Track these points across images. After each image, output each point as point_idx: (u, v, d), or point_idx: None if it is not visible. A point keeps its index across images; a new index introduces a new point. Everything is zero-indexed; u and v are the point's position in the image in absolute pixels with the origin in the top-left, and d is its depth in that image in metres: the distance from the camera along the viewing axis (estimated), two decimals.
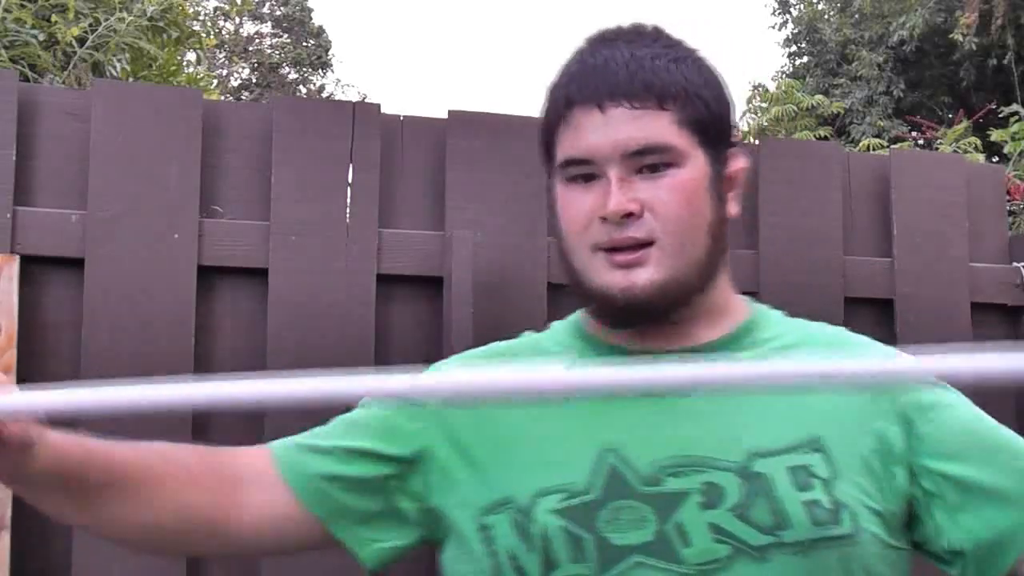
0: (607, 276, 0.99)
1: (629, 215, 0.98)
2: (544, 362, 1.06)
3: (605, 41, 1.04)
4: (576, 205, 1.01)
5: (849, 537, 0.94)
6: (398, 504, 1.05)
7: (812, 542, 0.93)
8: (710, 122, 1.02)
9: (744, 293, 1.85)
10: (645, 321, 1.02)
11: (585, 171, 1.00)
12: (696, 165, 1.01)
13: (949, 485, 0.99)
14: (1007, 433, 1.04)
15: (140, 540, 1.04)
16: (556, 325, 1.14)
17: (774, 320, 1.11)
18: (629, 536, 0.93)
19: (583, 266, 1.01)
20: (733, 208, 1.06)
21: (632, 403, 1.00)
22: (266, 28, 19.42)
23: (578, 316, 1.13)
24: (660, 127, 0.99)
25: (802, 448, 0.97)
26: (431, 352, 1.71)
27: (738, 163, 1.07)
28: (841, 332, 1.12)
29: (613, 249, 0.99)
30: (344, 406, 1.07)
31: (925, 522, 1.00)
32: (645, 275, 0.98)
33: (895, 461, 0.99)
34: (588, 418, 1.00)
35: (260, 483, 1.04)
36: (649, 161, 0.99)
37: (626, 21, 1.09)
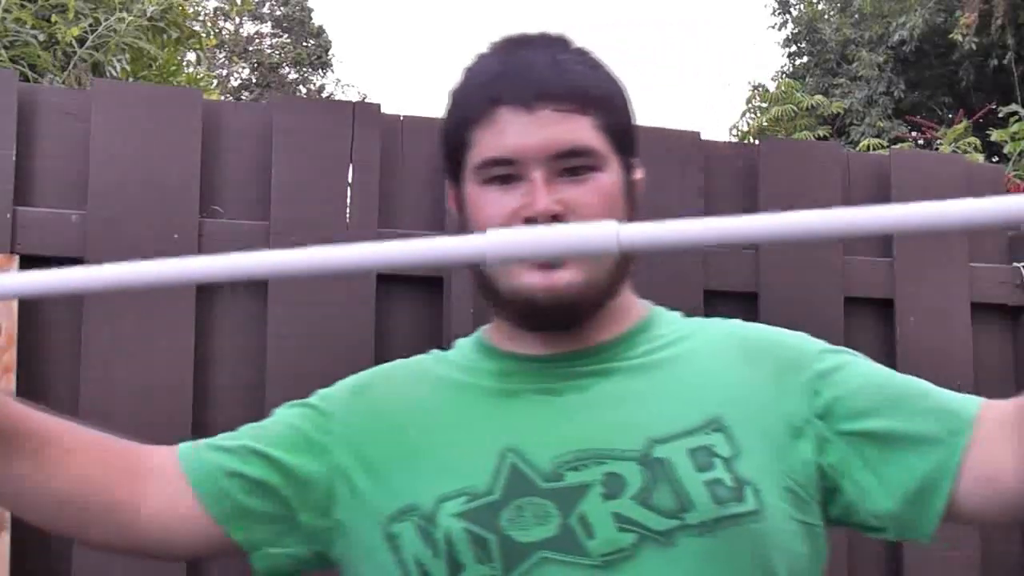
0: (528, 277, 0.99)
1: (555, 217, 0.98)
2: (442, 379, 1.08)
3: (521, 44, 1.05)
4: (495, 206, 1.00)
5: (754, 513, 0.94)
6: (298, 516, 1.04)
7: (716, 521, 0.92)
8: (624, 130, 1.05)
9: (744, 293, 1.87)
10: (562, 323, 1.03)
11: (506, 172, 1.00)
12: (614, 170, 1.02)
13: (866, 442, 0.99)
14: (908, 379, 1.04)
15: (31, 504, 1.00)
16: (460, 341, 1.15)
17: (668, 319, 1.12)
18: (533, 533, 0.93)
19: (500, 269, 1.01)
20: (635, 215, 1.08)
21: (528, 403, 1.02)
22: (266, 28, 19.43)
23: (480, 332, 1.13)
24: (584, 130, 1.00)
25: (702, 430, 0.97)
26: None
27: (639, 175, 1.09)
28: (736, 322, 1.13)
29: None
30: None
31: (846, 489, 0.99)
32: (566, 276, 0.99)
33: (800, 435, 0.99)
34: (487, 422, 1.01)
35: (163, 476, 1.03)
36: (573, 164, 0.99)
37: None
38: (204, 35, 5.20)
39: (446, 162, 1.08)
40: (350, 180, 1.73)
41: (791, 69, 16.00)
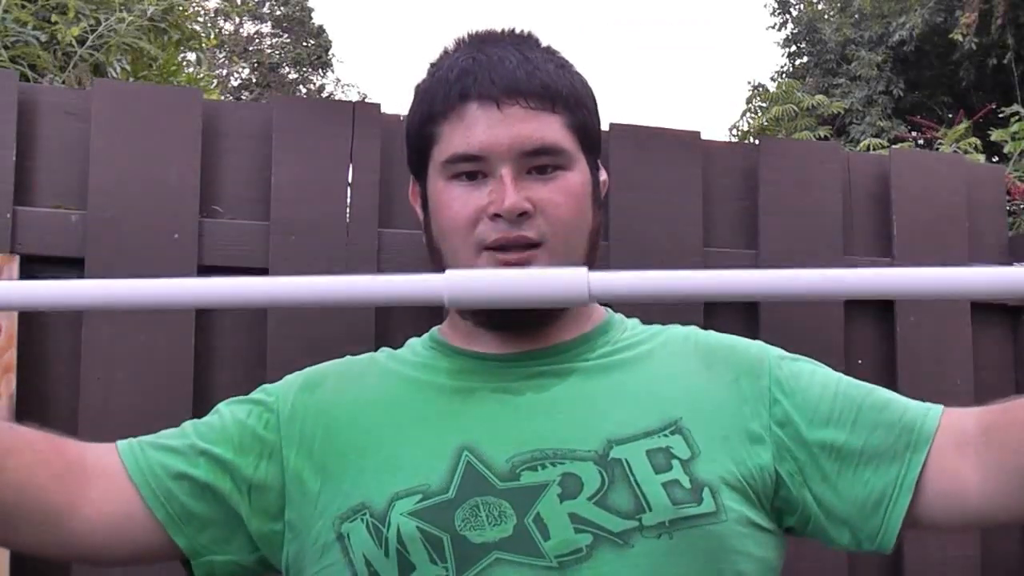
0: None
1: (523, 214, 0.97)
2: (396, 376, 1.07)
3: (489, 41, 1.04)
4: (461, 202, 1.00)
5: (711, 515, 0.93)
6: (246, 521, 1.01)
7: (672, 522, 0.92)
8: (591, 130, 1.05)
9: None
10: (523, 323, 1.02)
11: (473, 168, 0.99)
12: (581, 170, 1.02)
13: (824, 454, 0.99)
14: (867, 389, 1.03)
15: None
16: (412, 340, 1.14)
17: (627, 324, 1.12)
18: (487, 533, 0.92)
19: (465, 264, 1.00)
20: (601, 215, 1.08)
21: (485, 401, 1.00)
22: (266, 28, 19.43)
23: (434, 330, 1.12)
24: (554, 129, 1.00)
25: (660, 432, 0.97)
26: None
27: (603, 176, 1.10)
28: (693, 328, 1.13)
29: (500, 248, 0.98)
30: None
31: (803, 499, 0.99)
32: None
33: (759, 441, 0.99)
34: (442, 420, 1.00)
35: (105, 476, 0.99)
36: (541, 162, 0.99)
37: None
38: (204, 35, 5.20)
39: (410, 156, 1.07)
40: (350, 180, 1.72)
41: (791, 69, 15.99)
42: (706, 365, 1.04)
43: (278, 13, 19.33)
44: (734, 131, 11.43)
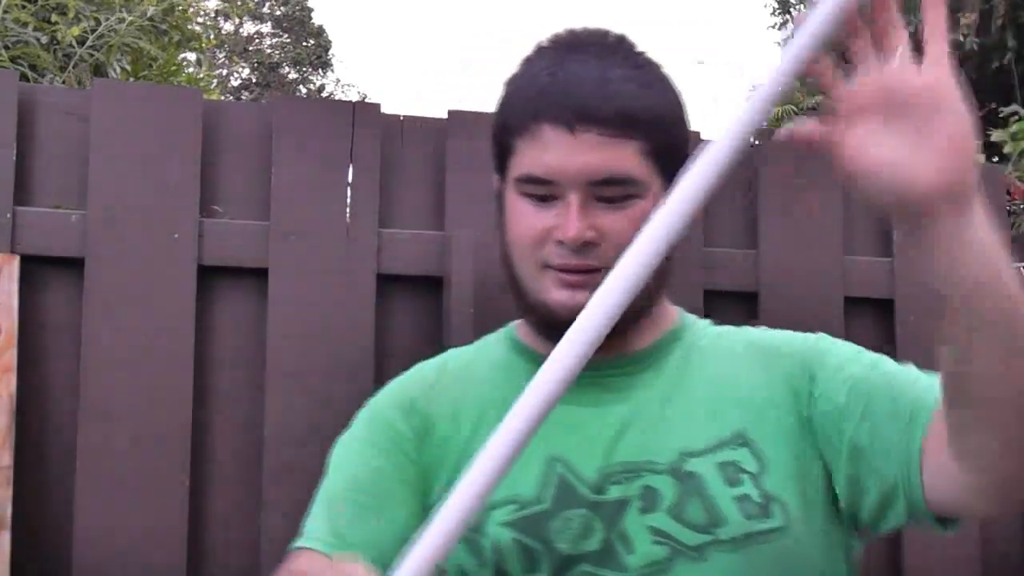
0: (555, 294, 0.99)
1: (587, 243, 0.97)
2: (485, 380, 1.06)
3: (573, 51, 1.01)
4: (529, 221, 0.99)
5: (781, 529, 0.94)
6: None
7: (746, 537, 0.93)
8: (672, 150, 1.01)
9: (744, 293, 1.87)
10: None
11: (544, 192, 0.98)
12: (654, 196, 0.99)
13: (844, 452, 0.98)
14: (889, 368, 1.02)
15: None
16: (489, 338, 1.14)
17: (698, 326, 1.12)
18: (578, 545, 0.94)
19: (529, 278, 1.01)
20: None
21: (568, 411, 0.99)
22: (266, 28, 19.43)
23: (511, 328, 1.13)
24: (626, 158, 0.97)
25: (729, 444, 0.98)
26: (431, 352, 1.71)
27: None
28: (751, 330, 1.12)
29: (563, 270, 0.98)
30: None
31: (838, 483, 0.99)
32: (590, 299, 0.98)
33: (809, 438, 0.99)
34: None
35: None
36: (610, 193, 0.97)
37: (612, 23, 1.07)
38: (204, 36, 5.20)
39: (494, 150, 1.06)
40: (350, 180, 1.72)
41: None
42: (765, 368, 1.04)
43: (278, 13, 19.33)
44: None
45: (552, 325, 1.00)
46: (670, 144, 1.01)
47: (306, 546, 0.99)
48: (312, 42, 19.52)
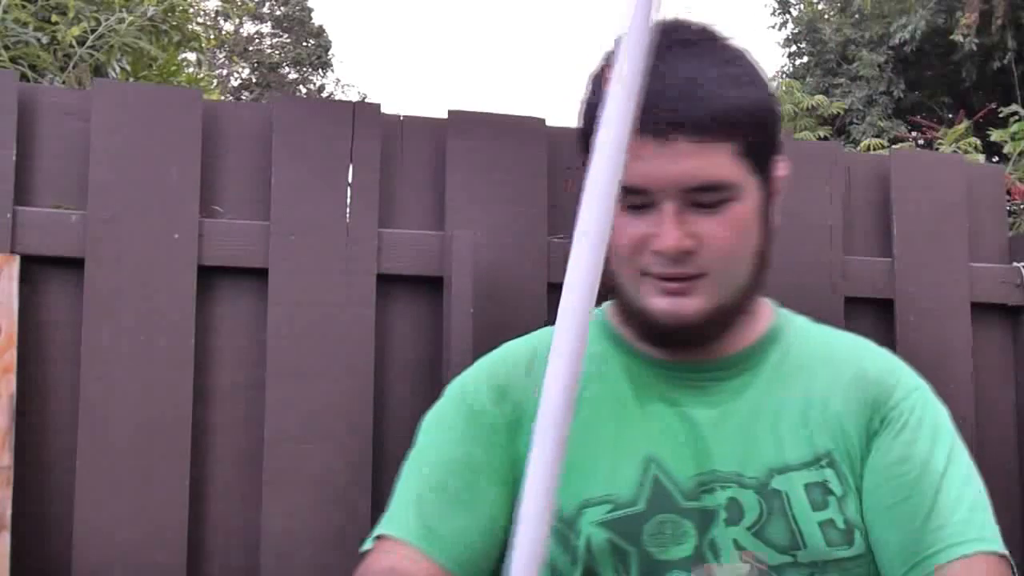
0: (655, 300, 0.97)
1: (685, 252, 0.95)
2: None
3: (664, 49, 0.95)
4: (626, 231, 0.97)
5: (860, 557, 0.95)
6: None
7: (825, 563, 0.93)
8: (765, 146, 0.99)
9: None
10: (687, 342, 1.01)
11: (637, 201, 0.95)
12: (750, 195, 0.98)
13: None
14: (943, 482, 0.97)
15: None
16: None
17: (795, 327, 1.10)
18: (671, 551, 0.93)
19: (629, 284, 1.00)
20: (776, 220, 1.04)
21: (662, 413, 1.00)
22: (266, 28, 19.43)
23: (604, 316, 1.09)
24: (721, 162, 0.94)
25: (817, 463, 0.97)
26: (431, 352, 1.71)
27: (781, 171, 1.04)
28: (860, 344, 1.10)
29: (663, 278, 0.97)
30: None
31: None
32: (694, 305, 0.97)
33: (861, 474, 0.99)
34: (628, 428, 0.99)
35: None
36: (706, 200, 0.95)
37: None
38: (204, 36, 5.20)
39: (582, 148, 1.00)
40: (350, 180, 1.72)
41: (791, 69, 15.99)
42: (859, 389, 1.02)
43: (278, 13, 19.33)
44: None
45: (654, 332, 1.00)
46: (763, 141, 0.98)
47: (395, 536, 0.97)
48: (312, 42, 19.52)
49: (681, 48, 0.96)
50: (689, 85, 0.93)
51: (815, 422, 0.99)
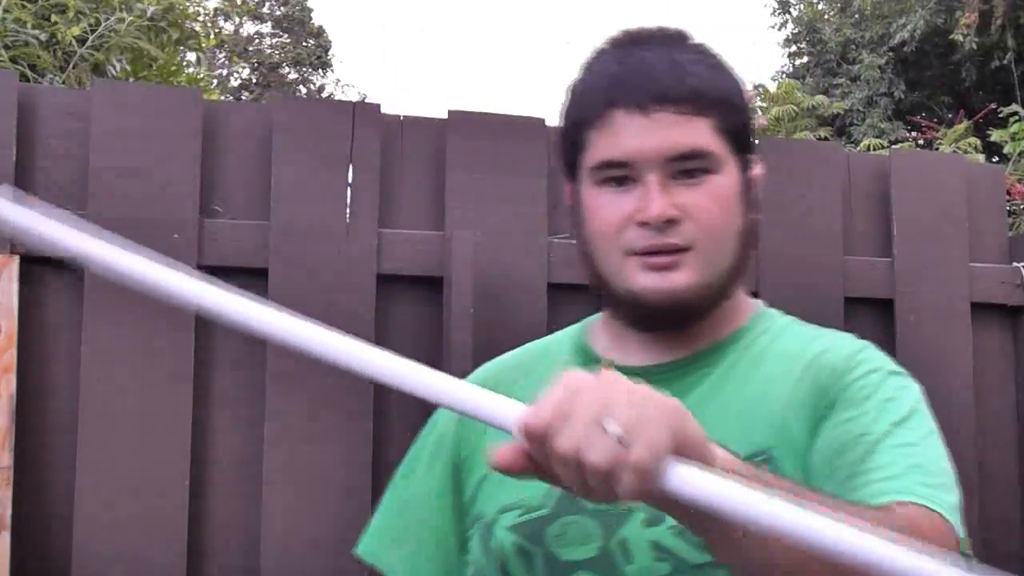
0: (642, 279, 0.98)
1: (670, 221, 0.96)
2: (538, 381, 1.05)
3: (638, 43, 1.02)
4: (609, 208, 0.99)
5: None
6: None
7: None
8: (742, 129, 1.03)
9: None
10: (674, 323, 1.01)
11: (621, 174, 0.98)
12: (730, 172, 1.00)
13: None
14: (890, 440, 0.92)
15: None
16: (567, 331, 1.14)
17: (774, 325, 1.09)
18: (575, 552, 0.94)
19: (614, 270, 1.00)
20: (758, 215, 1.06)
21: None
22: (266, 28, 19.43)
23: (583, 329, 1.11)
24: (702, 133, 0.98)
25: (749, 460, 0.92)
26: (431, 352, 1.71)
27: (757, 170, 1.07)
28: (830, 335, 1.08)
29: (648, 252, 0.98)
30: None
31: None
32: (682, 278, 0.97)
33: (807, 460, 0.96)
34: None
35: None
36: (689, 167, 0.98)
37: (629, 22, 1.08)
38: (204, 36, 5.20)
39: (562, 159, 1.06)
40: (350, 180, 1.72)
41: (791, 69, 15.99)
42: (811, 379, 0.99)
43: (278, 13, 19.33)
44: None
45: (645, 315, 1.00)
46: (739, 123, 1.02)
47: (363, 557, 1.08)
48: (312, 42, 19.52)
49: (660, 41, 1.02)
50: (671, 65, 0.98)
51: (756, 418, 0.98)
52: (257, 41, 18.94)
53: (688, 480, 0.64)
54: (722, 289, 1.01)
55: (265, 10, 19.20)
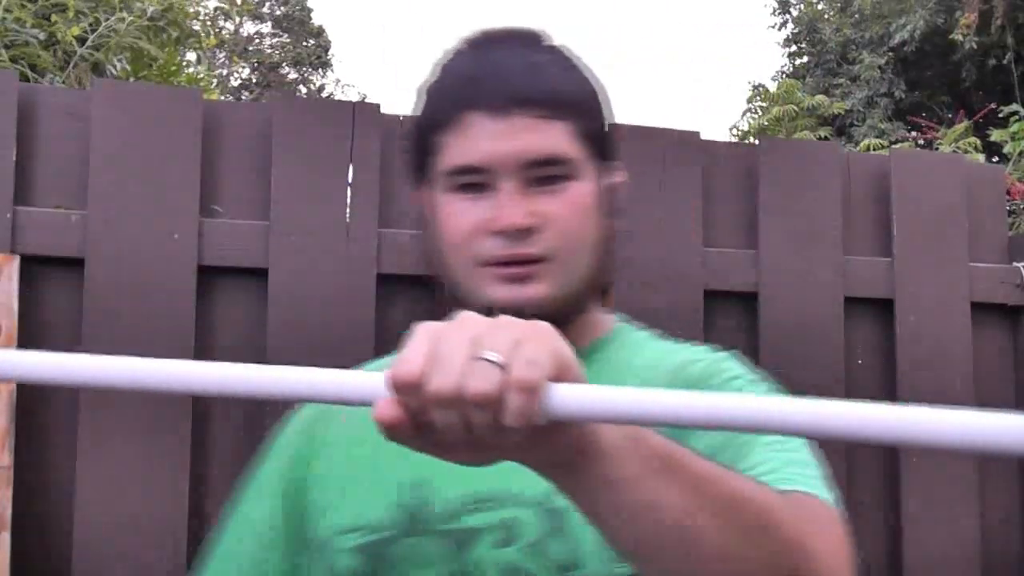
0: (494, 291, 0.94)
1: (526, 229, 0.93)
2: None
3: (495, 43, 0.99)
4: (461, 217, 0.95)
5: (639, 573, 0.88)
6: None
7: None
8: (601, 135, 0.99)
9: (744, 293, 1.87)
10: None
11: (475, 180, 0.94)
12: (588, 179, 0.97)
13: None
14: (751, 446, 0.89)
15: None
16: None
17: (629, 339, 1.05)
18: (421, 573, 0.90)
19: (464, 280, 0.96)
20: (616, 223, 1.02)
21: None
22: (266, 28, 19.44)
23: None
24: (560, 138, 0.94)
25: None
26: None
27: (618, 177, 1.04)
28: (689, 348, 1.03)
29: (502, 263, 0.94)
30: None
31: None
32: (536, 290, 0.93)
33: None
34: (390, 451, 0.91)
35: None
36: (546, 173, 0.94)
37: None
38: (204, 35, 5.20)
39: (412, 160, 1.02)
40: (350, 180, 1.72)
41: (791, 69, 16.00)
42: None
43: (278, 13, 19.33)
44: (734, 131, 11.44)
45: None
46: (597, 128, 0.99)
47: None
48: (312, 42, 19.53)
49: (516, 41, 0.99)
50: (526, 67, 0.95)
51: None
52: (257, 41, 18.94)
53: (575, 395, 0.59)
54: (580, 300, 0.98)
55: (265, 10, 19.20)
